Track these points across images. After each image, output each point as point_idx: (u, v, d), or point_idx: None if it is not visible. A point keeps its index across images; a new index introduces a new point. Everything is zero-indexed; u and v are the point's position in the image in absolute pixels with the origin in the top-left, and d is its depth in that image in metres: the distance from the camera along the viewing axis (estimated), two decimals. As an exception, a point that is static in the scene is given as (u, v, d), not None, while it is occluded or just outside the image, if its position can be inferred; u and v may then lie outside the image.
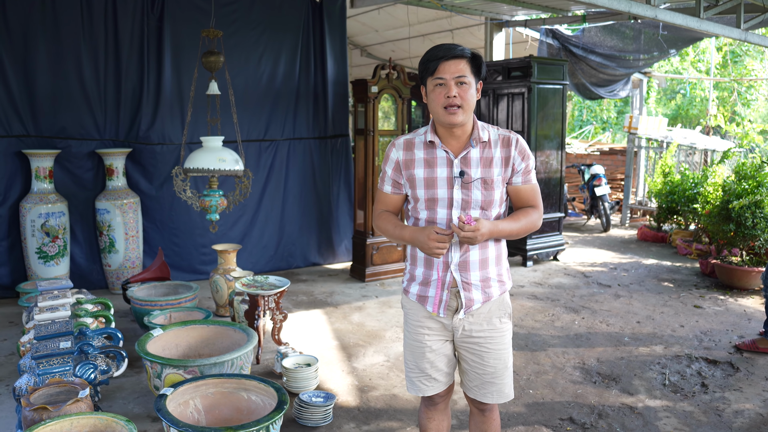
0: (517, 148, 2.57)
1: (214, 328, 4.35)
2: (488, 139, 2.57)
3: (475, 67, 2.50)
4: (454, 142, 2.58)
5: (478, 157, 2.55)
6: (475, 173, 2.54)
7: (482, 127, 2.59)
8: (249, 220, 7.25)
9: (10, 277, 6.26)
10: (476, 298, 2.61)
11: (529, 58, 7.25)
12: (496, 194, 2.57)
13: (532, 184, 2.64)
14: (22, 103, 6.23)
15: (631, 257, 8.29)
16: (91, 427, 3.12)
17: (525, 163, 2.58)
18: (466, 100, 2.46)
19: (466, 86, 2.46)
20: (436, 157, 2.58)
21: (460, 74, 2.45)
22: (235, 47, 6.83)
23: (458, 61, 2.46)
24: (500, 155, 2.56)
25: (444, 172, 2.56)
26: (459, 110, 2.46)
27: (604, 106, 19.46)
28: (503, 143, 2.57)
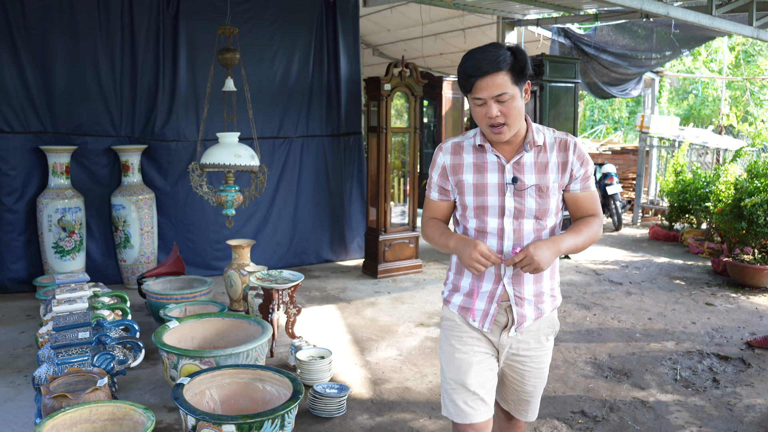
0: (575, 152, 2.36)
1: (229, 321, 4.41)
2: (543, 142, 2.36)
3: (517, 73, 2.21)
4: (506, 146, 2.38)
5: (532, 162, 2.36)
6: (529, 179, 2.35)
7: (537, 130, 2.37)
8: (262, 216, 7.31)
9: (27, 271, 6.34)
10: (528, 314, 2.41)
11: (541, 57, 7.28)
12: (552, 202, 2.37)
13: (591, 191, 2.44)
14: (40, 100, 6.32)
15: (642, 255, 8.30)
16: (109, 415, 3.18)
17: (584, 169, 2.38)
18: (510, 116, 2.24)
19: (509, 102, 2.22)
20: (486, 161, 2.39)
21: (499, 92, 2.20)
22: (249, 45, 6.89)
23: (494, 77, 2.19)
24: (557, 160, 2.36)
25: (495, 178, 2.37)
26: (504, 128, 2.26)
27: (616, 105, 19.43)
28: (560, 147, 2.37)
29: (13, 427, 3.66)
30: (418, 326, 5.51)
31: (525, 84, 2.26)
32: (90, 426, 3.13)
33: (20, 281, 6.32)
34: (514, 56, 2.21)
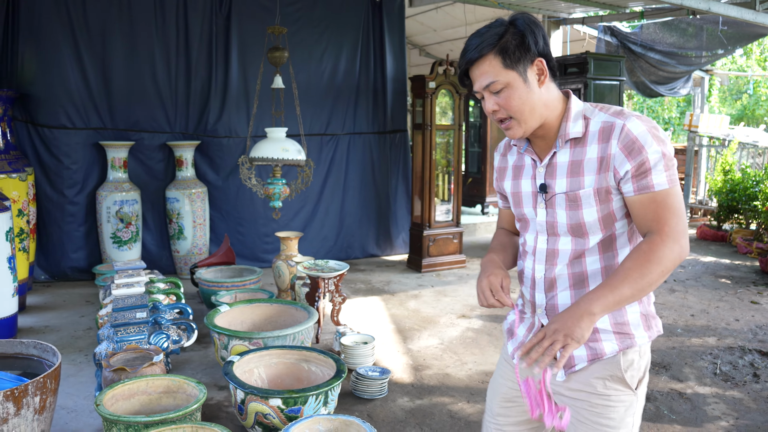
0: (620, 139, 1.74)
1: (277, 307, 4.60)
2: (584, 132, 1.83)
3: (510, 52, 1.76)
4: (541, 143, 1.93)
5: (566, 161, 1.86)
6: (560, 185, 1.86)
7: (577, 116, 1.84)
8: (310, 211, 7.52)
9: (87, 260, 6.66)
10: (577, 354, 1.88)
11: (585, 54, 7.32)
12: (588, 214, 1.83)
13: (650, 192, 1.74)
14: (100, 98, 6.64)
15: (689, 255, 8.24)
16: (164, 388, 3.39)
17: (633, 162, 1.73)
18: (512, 108, 1.80)
19: (505, 90, 1.79)
20: (523, 164, 2.00)
21: (488, 81, 1.78)
22: (298, 45, 7.10)
23: (479, 64, 1.79)
24: (595, 155, 1.80)
25: (528, 185, 1.97)
26: (512, 122, 1.83)
27: (666, 105, 19.18)
28: (602, 136, 1.79)
29: (75, 400, 3.91)
30: (459, 318, 5.63)
31: (530, 64, 1.78)
32: (146, 397, 3.34)
33: (80, 270, 6.65)
34: (506, 31, 1.77)
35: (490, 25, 1.82)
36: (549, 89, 1.84)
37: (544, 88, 1.83)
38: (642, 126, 1.74)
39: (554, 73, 1.85)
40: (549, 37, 9.11)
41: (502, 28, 1.78)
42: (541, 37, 1.80)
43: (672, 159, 1.75)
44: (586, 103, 1.88)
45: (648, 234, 1.76)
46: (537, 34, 1.79)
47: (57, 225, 6.51)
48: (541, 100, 1.82)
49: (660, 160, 1.73)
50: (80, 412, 3.76)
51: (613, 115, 1.79)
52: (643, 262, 1.71)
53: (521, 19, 1.80)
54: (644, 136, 1.73)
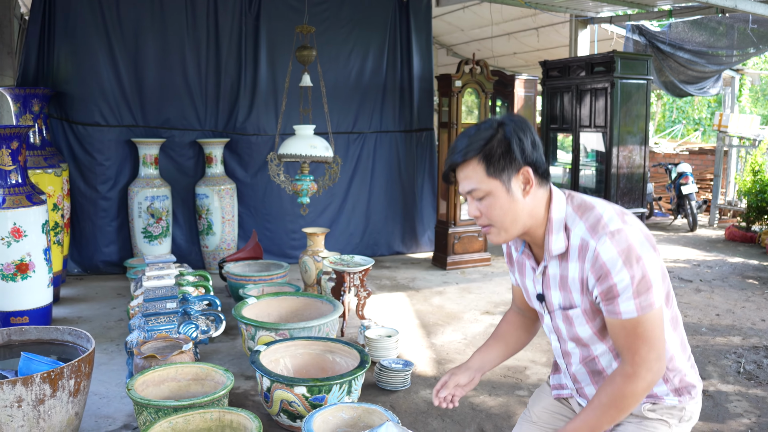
0: (591, 263, 1.71)
1: (303, 300, 4.69)
2: (566, 246, 1.78)
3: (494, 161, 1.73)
4: (536, 248, 1.91)
5: (557, 274, 1.83)
6: (555, 298, 1.87)
7: (559, 227, 1.79)
8: (337, 208, 7.62)
9: (118, 254, 6.82)
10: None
11: (612, 53, 7.32)
12: (583, 331, 1.85)
13: (619, 318, 1.70)
14: (132, 96, 6.80)
15: (716, 255, 8.19)
16: (193, 375, 3.50)
17: (601, 288, 1.71)
18: (493, 216, 1.77)
19: (487, 198, 1.76)
20: (525, 263, 1.97)
21: (470, 187, 1.77)
22: (325, 44, 7.19)
23: (463, 168, 1.77)
24: (576, 275, 1.77)
25: (531, 286, 1.96)
26: (492, 229, 1.80)
27: (696, 105, 18.99)
28: (580, 254, 1.74)
29: (107, 387, 4.03)
30: (483, 314, 5.67)
31: (515, 173, 1.74)
32: (176, 384, 3.45)
33: (112, 263, 6.81)
34: (493, 136, 1.74)
35: (480, 125, 1.78)
36: (535, 196, 1.79)
37: (530, 196, 1.77)
38: (612, 250, 1.66)
39: (543, 178, 1.80)
40: (577, 37, 9.15)
41: (490, 131, 1.74)
42: (529, 143, 1.75)
43: (646, 283, 1.67)
44: (569, 207, 1.81)
45: (621, 361, 1.76)
46: (525, 141, 1.74)
47: (90, 220, 6.68)
48: (524, 210, 1.77)
49: (628, 287, 1.66)
50: (112, 398, 3.89)
51: (590, 231, 1.72)
52: (617, 398, 1.72)
53: (510, 125, 1.75)
54: (613, 262, 1.66)
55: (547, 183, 1.83)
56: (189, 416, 2.94)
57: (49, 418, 2.92)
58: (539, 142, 1.80)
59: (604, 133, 7.57)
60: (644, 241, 1.71)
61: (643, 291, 1.66)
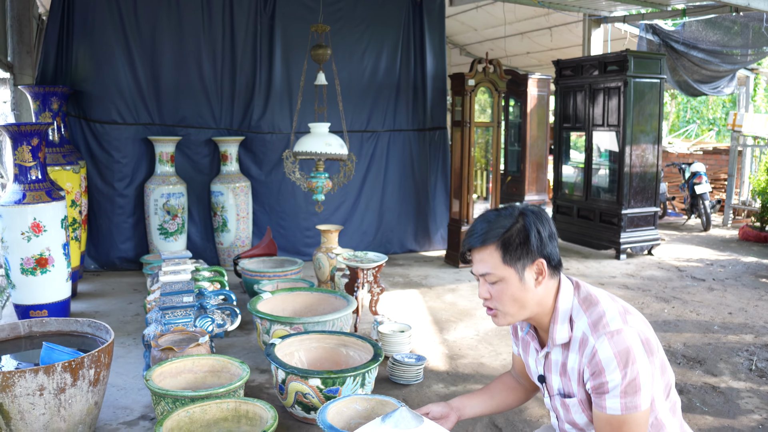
0: (589, 359, 1.77)
1: (317, 295, 4.75)
2: (569, 337, 1.85)
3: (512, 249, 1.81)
4: (541, 331, 1.97)
5: (559, 360, 1.90)
6: (555, 382, 1.93)
7: (564, 318, 1.86)
8: (350, 206, 7.68)
9: (134, 251, 6.91)
10: None
11: (625, 52, 7.33)
12: (579, 418, 1.90)
13: (604, 412, 1.76)
14: (149, 95, 6.89)
15: (729, 255, 8.17)
16: (209, 367, 3.56)
17: (594, 382, 1.77)
18: (502, 302, 1.84)
19: (500, 284, 1.83)
20: (529, 342, 2.04)
21: (485, 270, 1.84)
22: (340, 43, 7.25)
23: (480, 251, 1.85)
24: (575, 365, 1.84)
25: (533, 364, 2.04)
26: (499, 313, 1.87)
27: (710, 105, 18.91)
28: (580, 347, 1.81)
29: (124, 379, 4.11)
30: (495, 311, 5.70)
31: (530, 263, 1.82)
32: (192, 376, 3.51)
33: (128, 260, 6.91)
34: (513, 225, 1.82)
35: (500, 211, 1.86)
36: (546, 287, 1.85)
37: (541, 287, 1.84)
38: (609, 350, 1.72)
39: (555, 270, 1.87)
40: (590, 36, 9.15)
41: (511, 220, 1.82)
42: (547, 236, 1.83)
43: (635, 386, 1.72)
44: (575, 299, 1.87)
45: None
46: (543, 234, 1.82)
47: (107, 216, 6.78)
48: (534, 299, 1.84)
49: (617, 387, 1.72)
50: (129, 390, 3.96)
51: (591, 327, 1.78)
52: None
53: (531, 216, 1.83)
54: (608, 361, 1.72)
55: (558, 274, 1.89)
56: (206, 406, 3.00)
57: (69, 407, 2.99)
58: (556, 234, 1.88)
59: (617, 132, 7.59)
60: (641, 345, 1.75)
61: (631, 393, 1.72)
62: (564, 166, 8.71)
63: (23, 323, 3.52)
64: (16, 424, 2.90)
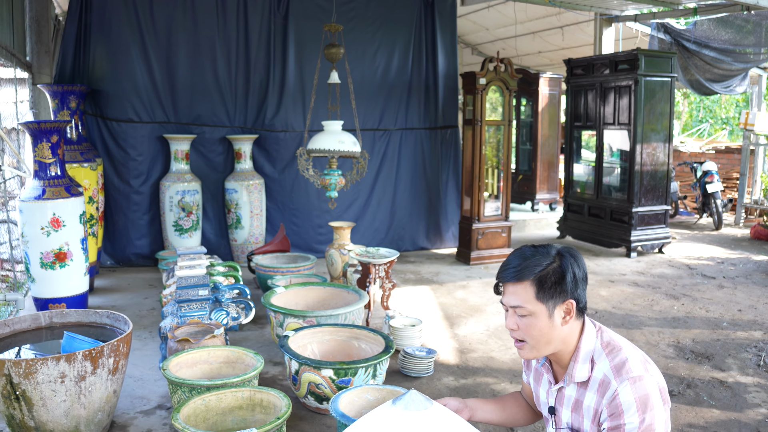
0: (609, 401, 1.85)
1: (330, 290, 4.83)
2: (588, 378, 1.93)
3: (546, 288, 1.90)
4: (557, 366, 2.06)
5: (572, 397, 1.98)
6: (566, 416, 2.01)
7: (586, 358, 1.95)
8: (362, 204, 7.76)
9: (150, 247, 7.03)
10: None
11: (636, 51, 7.36)
12: None
13: None
14: (164, 93, 7.00)
15: (741, 253, 8.18)
16: (224, 358, 3.64)
17: (611, 423, 1.84)
18: (530, 335, 1.93)
19: (529, 317, 1.92)
20: (542, 374, 2.13)
21: (516, 303, 1.92)
22: (352, 42, 7.32)
23: (514, 285, 1.93)
24: (592, 404, 1.92)
25: (544, 395, 2.11)
26: (526, 345, 1.97)
27: (723, 104, 18.84)
28: (600, 388, 1.89)
29: (141, 370, 4.20)
30: (506, 307, 5.77)
31: (561, 303, 1.91)
32: (208, 366, 3.60)
33: (143, 256, 7.02)
34: (550, 264, 1.91)
35: (537, 249, 1.95)
36: (571, 326, 1.95)
37: (567, 326, 1.94)
38: (631, 395, 1.81)
39: (581, 312, 1.97)
40: (601, 35, 9.18)
41: (548, 259, 1.92)
42: (581, 279, 1.93)
43: (650, 430, 1.81)
44: (597, 341, 1.96)
45: None
46: (578, 276, 1.92)
47: (123, 213, 6.89)
48: (560, 336, 1.94)
49: (634, 430, 1.80)
50: (146, 381, 4.05)
51: (614, 371, 1.87)
52: None
53: (568, 258, 1.93)
54: (628, 405, 1.81)
55: (583, 316, 1.99)
56: (221, 394, 3.08)
57: (89, 394, 3.08)
58: (587, 278, 1.98)
59: (628, 130, 7.62)
60: (659, 394, 1.85)
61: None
62: (575, 164, 8.75)
63: (44, 314, 3.62)
64: (38, 411, 2.99)
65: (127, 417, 3.57)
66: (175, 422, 2.73)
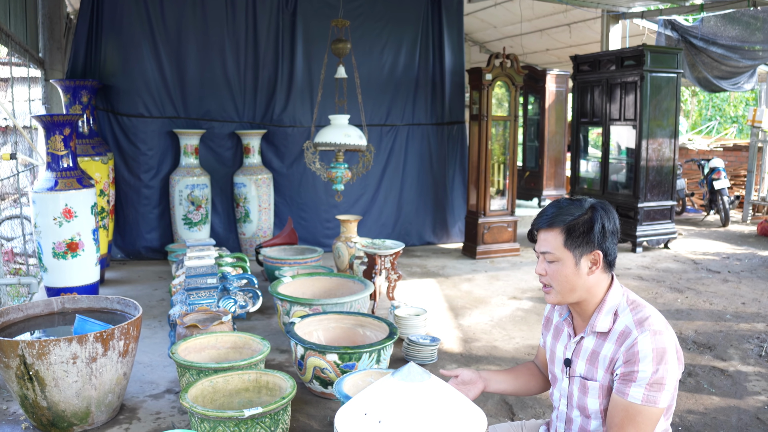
0: (627, 349, 1.90)
1: (336, 280, 4.91)
2: (610, 328, 1.99)
3: (574, 236, 1.98)
4: (578, 318, 2.12)
5: (590, 348, 2.04)
6: (580, 367, 2.06)
7: (610, 311, 2.01)
8: (369, 199, 7.84)
9: (159, 240, 7.13)
10: None
11: (642, 47, 7.40)
12: (592, 403, 2.02)
13: (624, 398, 1.89)
14: (174, 89, 7.10)
15: (746, 249, 8.20)
16: (232, 344, 3.72)
17: (625, 369, 1.90)
18: (556, 280, 2.02)
19: (556, 264, 2.01)
20: (562, 329, 2.19)
21: (545, 249, 2.02)
22: (360, 39, 7.40)
23: (546, 232, 2.03)
24: (609, 354, 1.97)
25: (561, 351, 2.16)
26: (551, 290, 2.05)
27: (732, 102, 18.80)
28: (619, 339, 1.95)
29: (150, 357, 4.29)
30: (511, 299, 5.83)
31: (588, 253, 1.98)
32: (215, 352, 3.68)
33: (153, 249, 7.12)
34: (581, 216, 1.99)
35: (573, 201, 2.04)
36: (597, 278, 2.01)
37: (593, 276, 2.00)
38: (649, 345, 1.86)
39: (609, 265, 2.03)
40: (608, 32, 9.20)
41: (580, 210, 2.00)
42: (610, 232, 1.99)
43: (661, 383, 1.85)
44: (623, 297, 2.02)
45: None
46: (607, 228, 1.99)
47: (133, 207, 6.99)
48: (584, 285, 2.00)
49: (646, 378, 1.85)
50: (155, 367, 4.14)
51: (636, 323, 1.92)
52: None
53: (599, 211, 1.99)
54: (645, 354, 1.86)
55: (611, 270, 2.05)
56: (228, 376, 3.16)
57: (100, 375, 3.17)
58: (618, 232, 2.05)
59: (634, 126, 7.66)
60: (675, 353, 1.91)
61: (655, 388, 1.86)
62: (582, 161, 8.79)
63: (56, 300, 3.71)
64: (51, 391, 3.08)
65: (137, 400, 3.66)
66: (183, 401, 2.81)
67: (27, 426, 3.30)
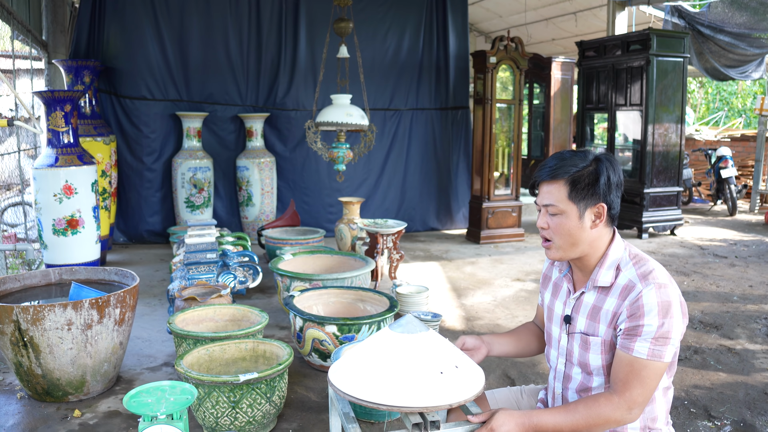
0: (631, 302, 1.85)
1: (337, 258, 4.86)
2: (612, 283, 1.94)
3: (578, 189, 1.92)
4: (579, 273, 2.07)
5: (591, 303, 1.99)
6: (580, 323, 2.01)
7: (612, 265, 1.96)
8: (373, 183, 7.79)
9: (162, 224, 7.10)
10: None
11: (647, 31, 7.33)
12: (594, 359, 1.97)
13: (630, 353, 1.84)
14: (177, 72, 7.06)
15: (754, 236, 8.12)
16: (230, 317, 3.68)
17: (630, 324, 1.85)
18: (558, 233, 1.95)
19: (559, 217, 1.94)
20: (561, 286, 2.14)
21: (548, 202, 1.95)
22: (363, 23, 7.35)
23: (548, 184, 1.96)
24: (611, 308, 1.92)
25: (560, 308, 2.11)
26: (552, 245, 1.98)
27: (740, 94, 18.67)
28: (622, 293, 1.90)
29: (149, 332, 4.26)
30: (514, 281, 5.77)
31: (592, 206, 1.92)
32: (213, 324, 3.64)
33: (156, 233, 7.09)
34: (586, 167, 1.93)
35: (577, 153, 1.97)
36: (600, 232, 1.96)
37: (596, 230, 1.94)
38: (654, 298, 1.81)
39: (612, 219, 1.97)
40: (614, 20, 9.12)
41: (585, 162, 1.93)
42: (615, 185, 1.94)
43: (668, 337, 1.81)
44: (626, 252, 1.97)
45: (611, 388, 1.89)
46: (612, 180, 1.93)
47: (136, 190, 6.96)
48: (587, 239, 1.95)
49: (652, 332, 1.81)
50: (153, 342, 4.11)
51: (640, 277, 1.87)
52: (591, 415, 1.84)
53: (604, 162, 1.93)
54: (651, 308, 1.81)
55: (613, 224, 2.00)
56: (225, 345, 3.12)
57: (95, 343, 3.13)
58: (622, 185, 1.98)
59: (640, 111, 7.58)
60: (680, 306, 1.85)
61: (661, 341, 1.81)
62: (587, 147, 8.71)
63: (54, 271, 3.68)
64: (45, 358, 3.04)
65: (134, 372, 3.62)
66: (177, 367, 2.77)
67: (23, 395, 3.26)
